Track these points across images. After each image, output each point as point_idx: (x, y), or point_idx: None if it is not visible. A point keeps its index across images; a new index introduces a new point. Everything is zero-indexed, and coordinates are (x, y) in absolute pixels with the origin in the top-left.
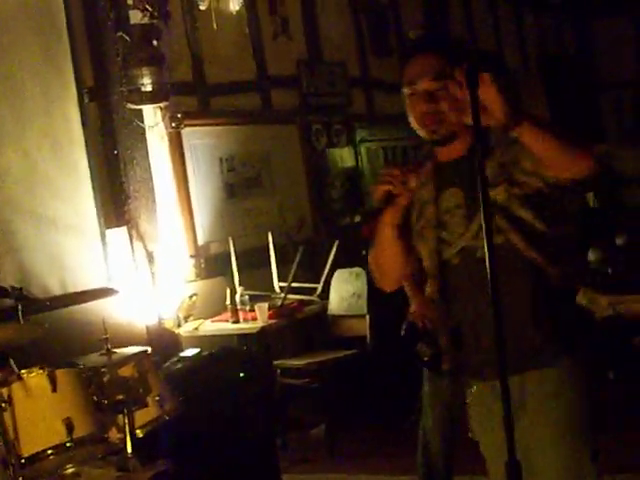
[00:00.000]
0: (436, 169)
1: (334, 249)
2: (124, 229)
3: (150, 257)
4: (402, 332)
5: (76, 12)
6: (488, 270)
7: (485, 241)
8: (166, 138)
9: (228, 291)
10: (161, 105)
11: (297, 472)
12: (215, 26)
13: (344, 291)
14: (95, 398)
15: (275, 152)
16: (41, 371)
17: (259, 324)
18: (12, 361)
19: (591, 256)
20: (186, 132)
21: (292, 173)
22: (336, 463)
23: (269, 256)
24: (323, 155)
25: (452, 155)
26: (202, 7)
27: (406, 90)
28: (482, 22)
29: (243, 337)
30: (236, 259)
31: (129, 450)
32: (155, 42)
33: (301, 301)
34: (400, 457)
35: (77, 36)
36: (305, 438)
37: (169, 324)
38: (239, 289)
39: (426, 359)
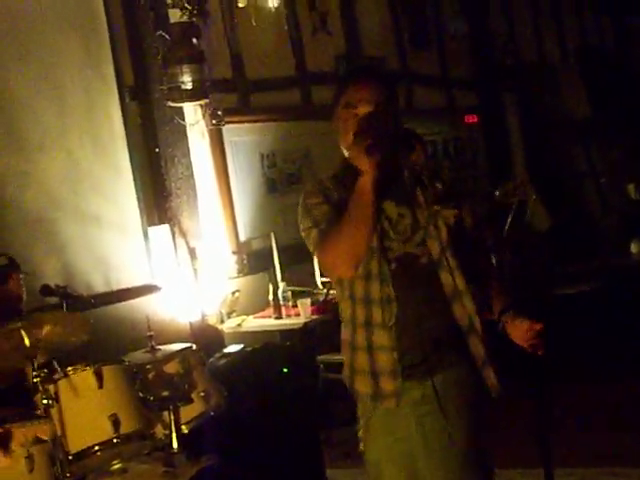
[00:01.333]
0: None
1: None
2: (166, 226)
3: (192, 254)
4: None
5: (116, 12)
6: None
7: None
8: (207, 135)
9: (270, 287)
10: (201, 102)
11: (341, 467)
12: (254, 23)
13: None
14: (141, 394)
15: (315, 147)
16: (87, 368)
17: (302, 319)
18: (55, 362)
19: (633, 248)
20: (226, 129)
21: (332, 168)
22: None
23: (310, 251)
24: None
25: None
26: (241, 4)
27: (343, 113)
28: (521, 15)
29: (286, 333)
30: (278, 255)
31: (175, 446)
32: (195, 40)
33: None
34: None
35: (117, 36)
36: (349, 433)
37: (212, 320)
38: (281, 285)
39: None
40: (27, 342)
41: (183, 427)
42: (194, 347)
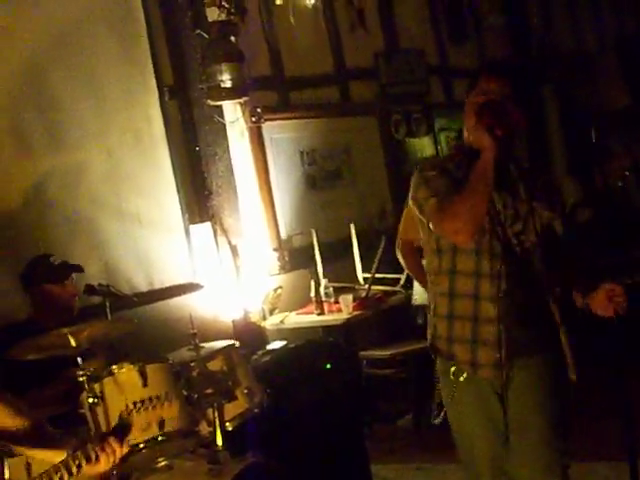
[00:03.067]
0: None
1: None
2: (208, 224)
3: (234, 251)
4: None
5: (154, 12)
6: None
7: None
8: (246, 133)
9: (312, 283)
10: (241, 101)
11: (385, 462)
12: (292, 20)
13: None
14: (185, 392)
15: (355, 143)
16: (131, 366)
17: (344, 315)
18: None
19: None
20: (266, 126)
21: (372, 164)
22: (423, 454)
23: (352, 247)
24: (403, 145)
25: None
26: (278, 1)
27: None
28: (558, 6)
29: (328, 329)
30: (319, 251)
31: (219, 443)
32: (233, 38)
33: (385, 292)
34: None
35: (156, 35)
36: (392, 428)
37: (255, 317)
38: (323, 281)
39: None
40: (73, 343)
41: (227, 424)
42: (237, 344)
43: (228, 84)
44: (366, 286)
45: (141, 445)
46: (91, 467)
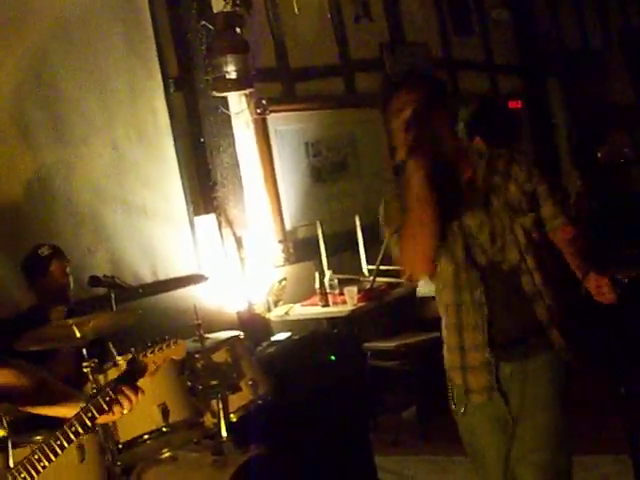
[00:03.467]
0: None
1: None
2: (213, 216)
3: (239, 243)
4: None
5: (159, 3)
6: None
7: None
8: (251, 124)
9: (317, 275)
10: (246, 92)
11: (389, 454)
12: (297, 11)
13: None
14: (189, 383)
15: (360, 135)
16: None
17: (348, 307)
18: (111, 344)
19: None
20: (271, 118)
21: (377, 156)
22: (427, 445)
23: (357, 239)
24: None
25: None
26: None
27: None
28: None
29: (333, 320)
30: (324, 243)
31: (223, 434)
32: (238, 30)
33: (389, 284)
34: None
35: (161, 27)
36: (396, 420)
37: (259, 309)
38: (328, 273)
39: None
40: (78, 334)
41: (232, 415)
42: (242, 335)
43: (233, 75)
44: (371, 278)
45: (145, 437)
46: (105, 417)
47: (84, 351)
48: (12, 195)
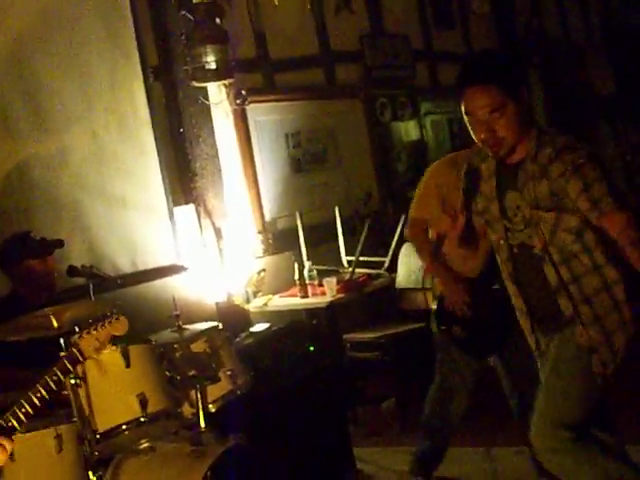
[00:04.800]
0: (498, 169)
1: (401, 222)
2: (192, 206)
3: (218, 234)
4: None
5: None
6: None
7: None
8: (231, 115)
9: (296, 266)
10: (225, 82)
11: (368, 445)
12: (277, 2)
13: (411, 264)
14: (168, 374)
15: (340, 127)
16: (114, 348)
17: (327, 298)
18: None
19: None
20: (251, 108)
21: (357, 147)
22: (407, 436)
23: (336, 230)
24: (388, 129)
25: (512, 160)
26: None
27: (467, 118)
28: None
29: (312, 311)
30: (304, 234)
31: (202, 425)
32: (218, 20)
33: (369, 275)
34: (472, 429)
35: (141, 16)
36: (375, 412)
37: (238, 300)
38: (307, 264)
39: (462, 340)
40: (55, 324)
41: (210, 406)
42: (220, 326)
43: (213, 65)
44: (350, 269)
45: (123, 427)
46: None
47: (61, 341)
48: None
